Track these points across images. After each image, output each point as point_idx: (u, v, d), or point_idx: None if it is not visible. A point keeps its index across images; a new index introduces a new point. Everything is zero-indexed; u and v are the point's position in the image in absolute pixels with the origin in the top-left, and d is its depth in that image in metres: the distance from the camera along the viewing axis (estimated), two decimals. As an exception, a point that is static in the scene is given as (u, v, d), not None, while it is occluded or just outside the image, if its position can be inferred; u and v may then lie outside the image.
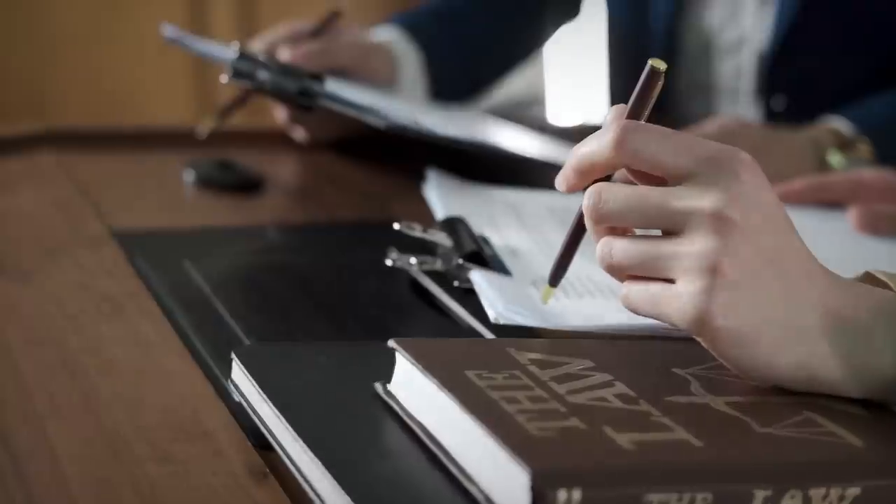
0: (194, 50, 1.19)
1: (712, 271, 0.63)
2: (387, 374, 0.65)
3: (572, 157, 0.68)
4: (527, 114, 2.29)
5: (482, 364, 0.63)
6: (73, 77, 2.52)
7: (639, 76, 0.67)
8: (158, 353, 0.77)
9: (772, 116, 1.39)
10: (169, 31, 1.18)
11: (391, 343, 0.65)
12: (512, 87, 1.69)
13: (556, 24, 1.50)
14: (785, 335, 0.64)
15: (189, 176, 1.15)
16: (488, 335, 0.79)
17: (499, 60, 1.46)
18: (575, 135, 1.28)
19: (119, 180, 1.16)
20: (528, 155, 1.20)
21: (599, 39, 1.57)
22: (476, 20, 1.42)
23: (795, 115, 1.30)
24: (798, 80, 1.38)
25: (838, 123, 1.21)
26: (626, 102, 0.66)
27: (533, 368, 0.64)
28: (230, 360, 0.68)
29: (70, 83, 2.51)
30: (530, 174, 1.16)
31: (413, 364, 0.63)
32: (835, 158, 1.19)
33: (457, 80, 1.39)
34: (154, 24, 1.25)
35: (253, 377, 0.66)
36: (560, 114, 2.59)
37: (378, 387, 0.65)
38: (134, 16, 2.51)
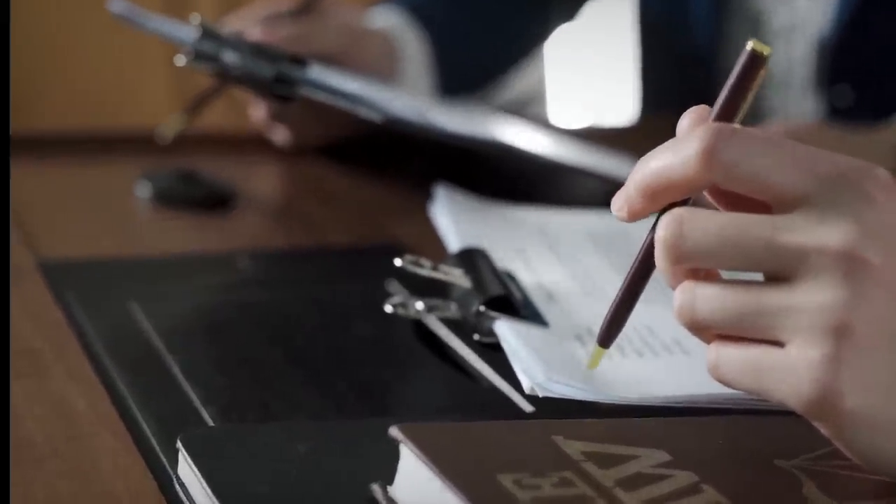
0: (148, 28, 1.10)
1: (839, 332, 0.54)
2: (388, 469, 0.57)
3: (639, 173, 0.58)
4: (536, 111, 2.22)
5: (521, 462, 0.56)
6: (47, 76, 2.47)
7: (674, 67, 0.53)
8: (88, 432, 0.68)
9: (834, 113, 1.33)
10: (116, 5, 1.07)
11: (394, 432, 0.56)
12: (521, 80, 1.66)
13: (576, 5, 1.44)
14: None
15: (144, 190, 1.06)
16: (523, 404, 0.70)
17: (514, 47, 1.40)
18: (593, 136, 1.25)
19: (55, 195, 1.09)
20: (561, 161, 1.12)
21: (628, 23, 1.51)
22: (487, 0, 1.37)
23: (863, 112, 1.25)
24: (866, 70, 1.32)
25: None
26: (662, 100, 0.53)
27: (590, 467, 0.56)
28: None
29: (43, 82, 2.46)
30: (562, 186, 1.10)
31: (425, 464, 0.54)
32: None
33: (468, 72, 1.32)
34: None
35: (203, 475, 0.57)
36: (573, 113, 2.50)
37: (376, 490, 0.57)
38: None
